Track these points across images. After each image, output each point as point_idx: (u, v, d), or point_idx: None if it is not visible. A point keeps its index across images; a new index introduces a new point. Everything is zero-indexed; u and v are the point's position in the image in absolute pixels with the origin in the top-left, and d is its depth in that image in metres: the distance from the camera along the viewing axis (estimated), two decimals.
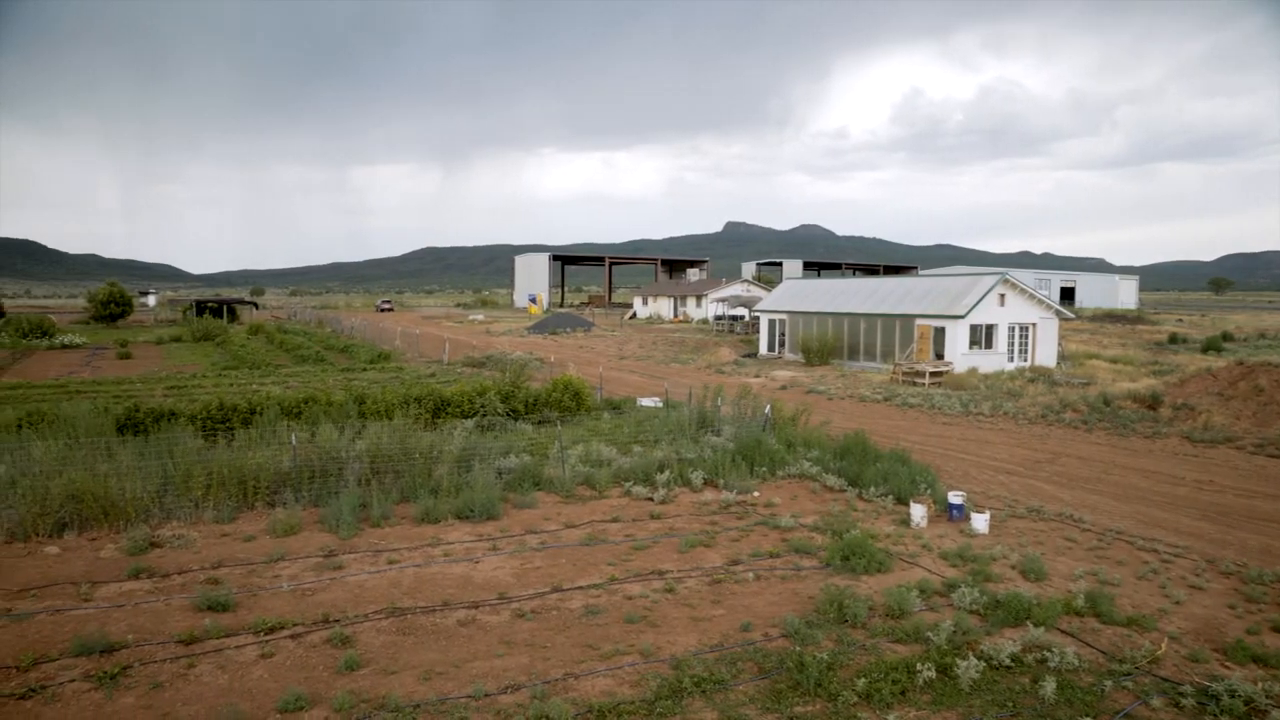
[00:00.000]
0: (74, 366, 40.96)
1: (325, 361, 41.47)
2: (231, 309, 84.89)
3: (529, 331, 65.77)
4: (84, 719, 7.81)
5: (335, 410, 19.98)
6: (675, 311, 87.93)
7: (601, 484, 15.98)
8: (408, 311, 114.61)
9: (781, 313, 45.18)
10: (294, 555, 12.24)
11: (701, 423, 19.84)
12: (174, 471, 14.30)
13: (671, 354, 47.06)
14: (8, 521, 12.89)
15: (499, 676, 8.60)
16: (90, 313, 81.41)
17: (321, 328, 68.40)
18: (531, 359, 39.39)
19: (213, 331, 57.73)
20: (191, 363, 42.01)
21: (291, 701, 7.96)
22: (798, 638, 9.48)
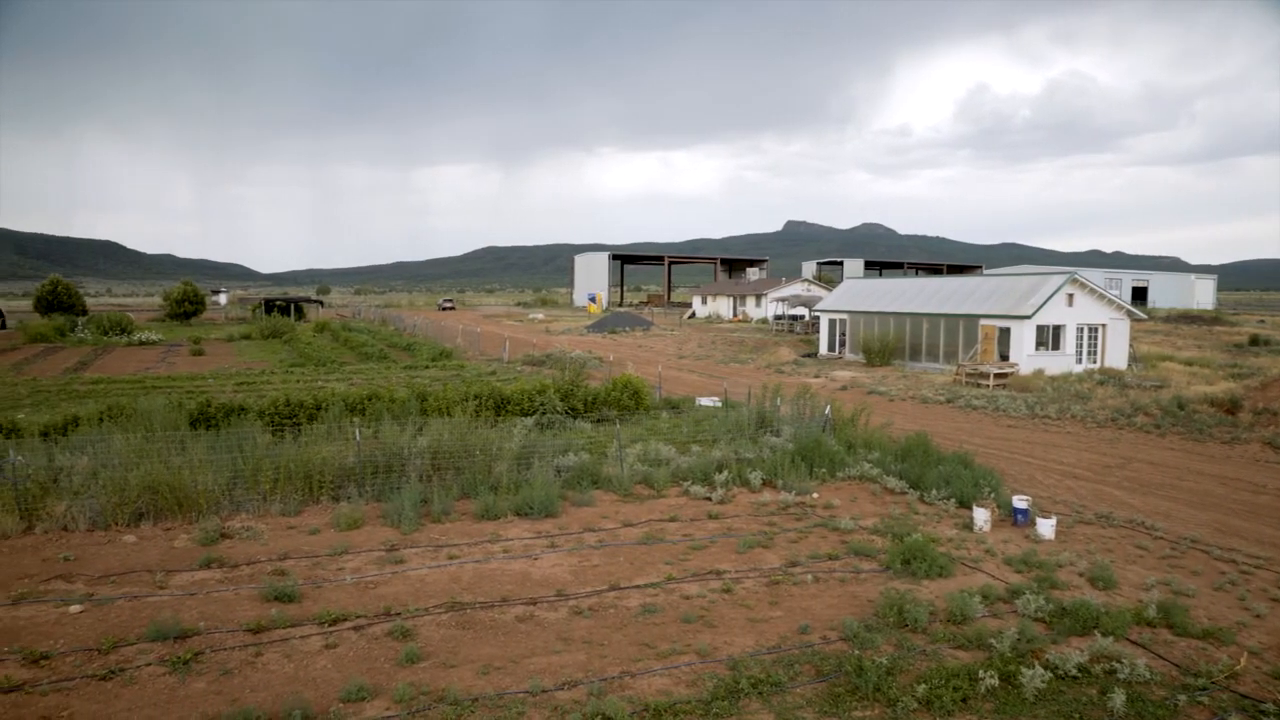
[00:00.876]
0: (150, 362, 42.33)
1: (388, 359, 42.21)
2: (299, 307, 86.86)
3: (588, 330, 66.09)
4: (159, 701, 8.07)
5: (398, 407, 20.31)
6: (734, 311, 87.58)
7: (659, 483, 15.99)
8: (469, 310, 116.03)
9: (842, 312, 44.70)
10: (357, 549, 12.48)
11: (760, 423, 19.73)
12: (243, 465, 14.69)
13: (730, 354, 46.89)
14: (90, 511, 13.40)
15: (556, 673, 8.66)
16: (165, 310, 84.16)
17: (385, 326, 69.62)
18: (590, 358, 39.59)
19: (280, 329, 59.21)
20: (260, 360, 43.11)
21: (354, 692, 8.12)
22: (856, 641, 9.37)
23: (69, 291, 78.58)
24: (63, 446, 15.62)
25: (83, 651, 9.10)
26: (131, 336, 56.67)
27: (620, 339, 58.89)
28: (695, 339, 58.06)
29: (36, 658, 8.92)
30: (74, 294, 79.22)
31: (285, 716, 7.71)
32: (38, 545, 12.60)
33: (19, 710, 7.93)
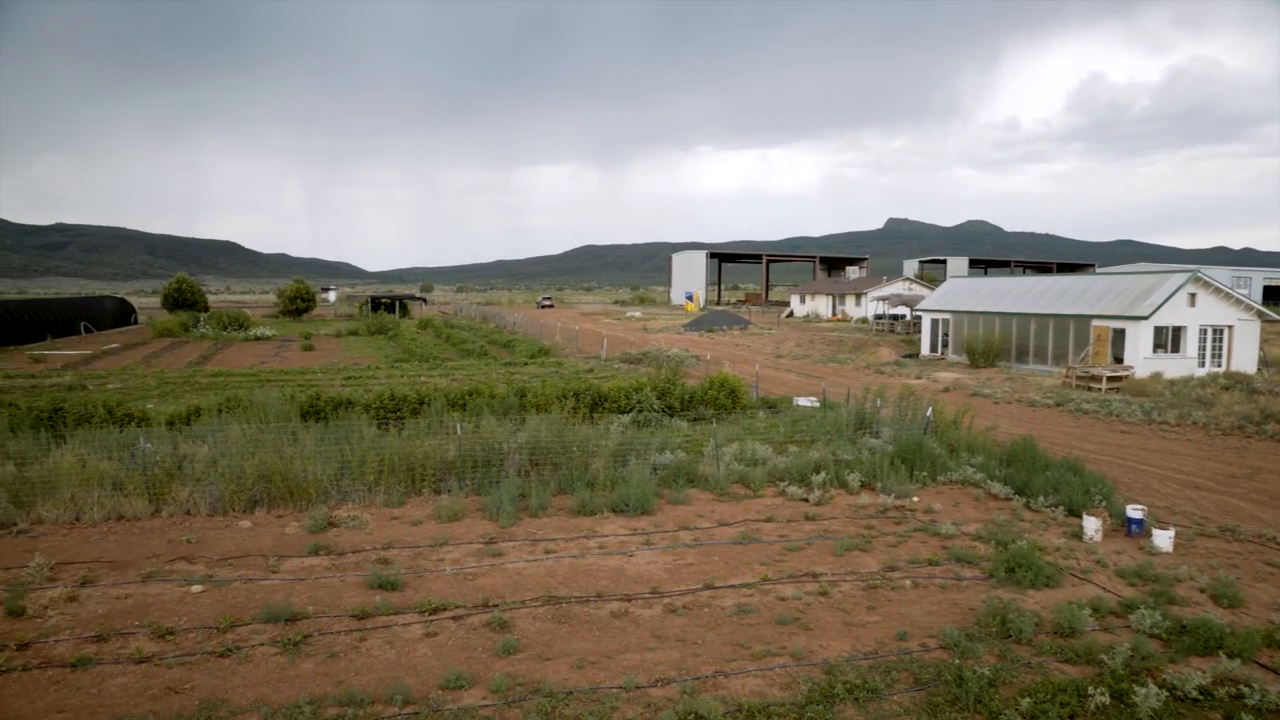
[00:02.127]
0: (265, 357, 44.25)
1: (488, 356, 43.09)
2: (403, 304, 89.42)
3: (685, 329, 66.12)
4: (270, 680, 8.46)
5: (497, 403, 20.71)
6: (833, 310, 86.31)
7: (756, 483, 15.90)
8: (567, 308, 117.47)
9: (945, 312, 43.55)
10: (457, 540, 12.80)
11: (859, 424, 19.40)
12: (350, 456, 15.23)
13: (829, 353, 46.24)
14: (210, 496, 14.13)
15: (650, 670, 8.71)
16: (279, 307, 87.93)
17: (485, 323, 71.08)
18: (687, 356, 39.61)
19: (386, 326, 61.15)
20: (366, 355, 44.56)
21: (453, 680, 8.34)
22: (957, 650, 9.13)
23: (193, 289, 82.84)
24: (186, 435, 16.47)
25: (203, 629, 9.62)
26: (248, 332, 59.36)
27: (717, 337, 58.73)
28: (793, 338, 57.46)
29: (163, 632, 9.47)
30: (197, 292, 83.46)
31: (387, 700, 7.99)
32: (164, 528, 13.35)
33: (148, 680, 8.44)
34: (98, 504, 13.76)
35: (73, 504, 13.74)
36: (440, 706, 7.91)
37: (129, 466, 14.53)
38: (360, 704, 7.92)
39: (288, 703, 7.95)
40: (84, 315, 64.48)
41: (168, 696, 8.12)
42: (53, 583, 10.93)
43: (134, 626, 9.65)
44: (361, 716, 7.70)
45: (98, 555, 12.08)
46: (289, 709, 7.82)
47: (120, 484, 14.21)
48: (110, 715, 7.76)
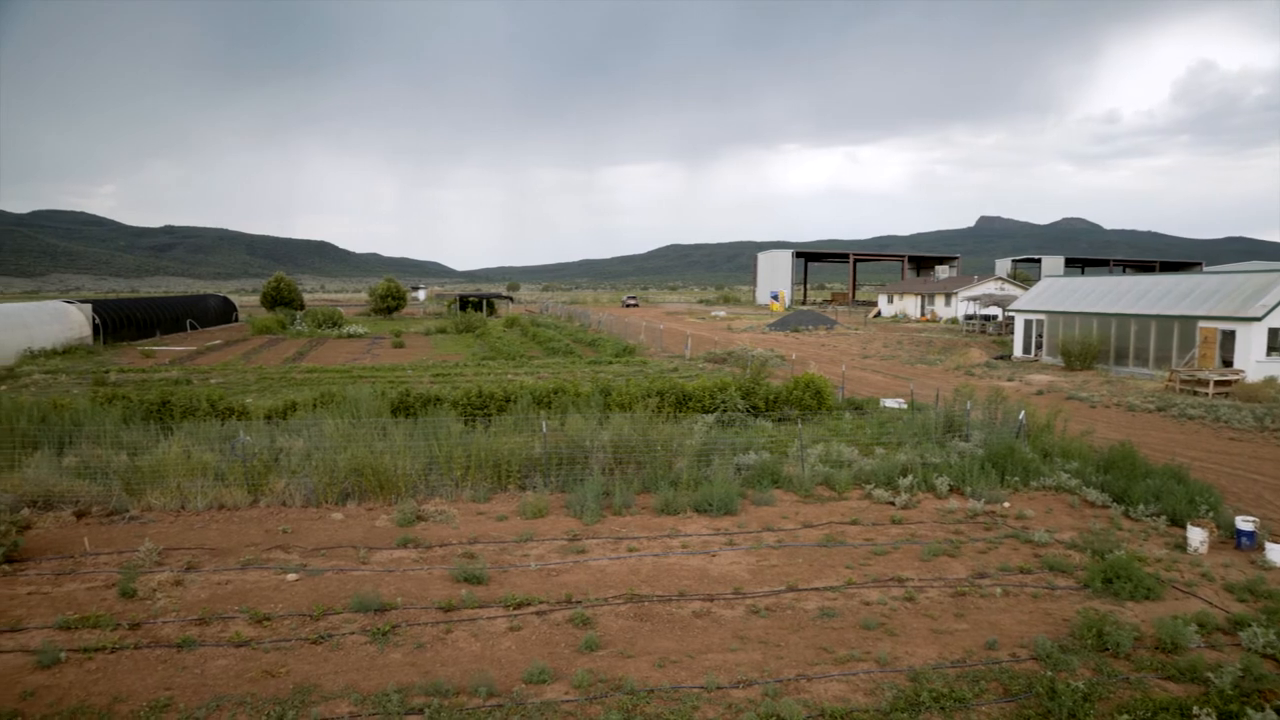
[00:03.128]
0: (357, 354, 45.54)
1: (574, 354, 43.48)
2: (490, 303, 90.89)
3: (770, 328, 65.61)
4: (360, 668, 8.71)
5: (582, 401, 20.88)
6: (922, 310, 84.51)
7: (841, 485, 15.68)
8: (652, 307, 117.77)
9: (1039, 312, 42.20)
10: (541, 537, 12.96)
11: (948, 427, 18.94)
12: (438, 452, 15.56)
13: (917, 354, 45.29)
14: (304, 489, 14.62)
15: (731, 670, 8.67)
16: (371, 306, 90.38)
17: (571, 322, 71.77)
18: (772, 356, 39.29)
19: (473, 324, 62.28)
20: (454, 353, 45.46)
21: (536, 674, 8.45)
22: (1049, 662, 8.83)
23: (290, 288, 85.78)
24: (282, 429, 17.06)
25: (297, 616, 9.96)
26: (341, 330, 61.19)
27: (803, 337, 58.11)
28: (880, 338, 56.47)
29: (260, 618, 9.85)
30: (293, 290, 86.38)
31: (472, 692, 8.14)
32: (261, 517, 13.88)
33: (246, 663, 8.79)
34: (201, 493, 14.39)
35: (179, 493, 14.40)
36: (523, 700, 8.02)
37: (230, 458, 15.15)
38: (446, 694, 8.09)
39: (376, 690, 8.17)
40: (190, 313, 67.43)
41: (264, 679, 8.44)
42: (160, 567, 11.48)
43: (233, 611, 10.07)
44: (447, 707, 7.86)
45: (201, 542, 12.62)
46: (377, 697, 8.04)
47: (222, 475, 14.82)
48: (212, 695, 8.10)
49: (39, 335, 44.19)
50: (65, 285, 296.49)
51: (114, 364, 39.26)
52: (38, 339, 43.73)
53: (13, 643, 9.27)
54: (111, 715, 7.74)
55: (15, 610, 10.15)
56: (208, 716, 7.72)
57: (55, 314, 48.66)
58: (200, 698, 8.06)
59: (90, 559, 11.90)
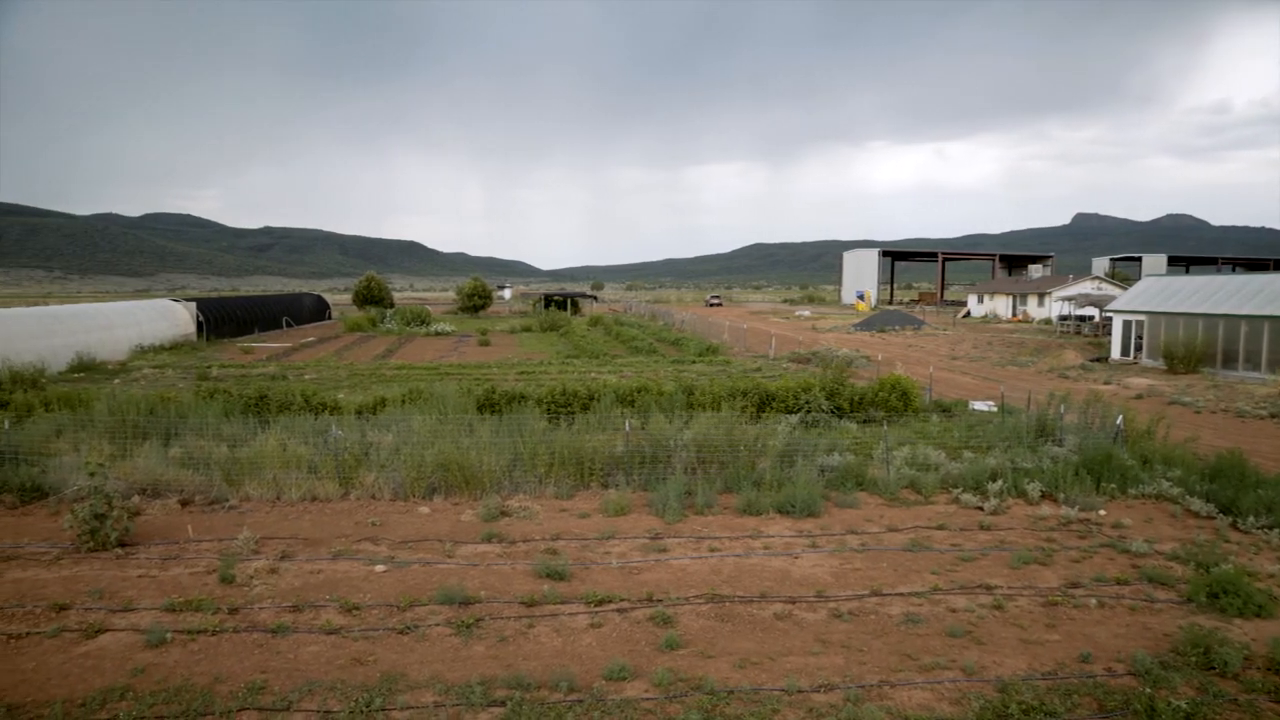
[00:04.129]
0: (444, 351, 46.49)
1: (656, 353, 43.58)
2: (574, 302, 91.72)
3: (855, 328, 64.64)
4: (445, 659, 8.90)
5: (665, 400, 20.92)
6: (1014, 310, 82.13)
7: (927, 488, 15.35)
8: (735, 306, 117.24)
9: (1139, 313, 40.56)
10: (623, 535, 13.02)
11: (1041, 431, 18.36)
12: (522, 449, 15.77)
13: (1008, 355, 44.03)
14: (393, 482, 15.00)
15: (813, 674, 8.57)
16: (458, 304, 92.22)
17: (654, 321, 71.93)
18: (857, 356, 38.70)
19: (557, 323, 62.96)
20: (539, 351, 46.02)
21: (616, 671, 8.50)
22: (1148, 678, 8.47)
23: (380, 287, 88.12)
24: (372, 424, 17.53)
25: (385, 606, 10.23)
26: (429, 328, 62.56)
27: (889, 338, 57.07)
28: (970, 339, 55.07)
29: (350, 607, 10.15)
30: (384, 289, 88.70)
31: (553, 687, 8.23)
32: (351, 510, 14.29)
33: (336, 650, 9.07)
34: (295, 485, 14.89)
35: (274, 484, 14.94)
36: (603, 696, 8.08)
37: (322, 452, 15.64)
38: (527, 688, 8.20)
39: (460, 682, 8.34)
40: (286, 311, 69.85)
41: (353, 667, 8.69)
42: (257, 555, 11.93)
43: (325, 600, 10.39)
44: (528, 700, 7.97)
45: (294, 532, 13.07)
46: (461, 688, 8.20)
47: (315, 467, 15.31)
48: (304, 679, 8.38)
49: (148, 332, 46.42)
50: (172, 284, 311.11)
51: (216, 359, 40.95)
52: (147, 335, 45.93)
53: (125, 622, 9.78)
54: (212, 695, 8.08)
55: (127, 591, 10.70)
56: (300, 700, 8.00)
57: (163, 312, 51.04)
58: (293, 682, 8.35)
59: (193, 545, 12.45)
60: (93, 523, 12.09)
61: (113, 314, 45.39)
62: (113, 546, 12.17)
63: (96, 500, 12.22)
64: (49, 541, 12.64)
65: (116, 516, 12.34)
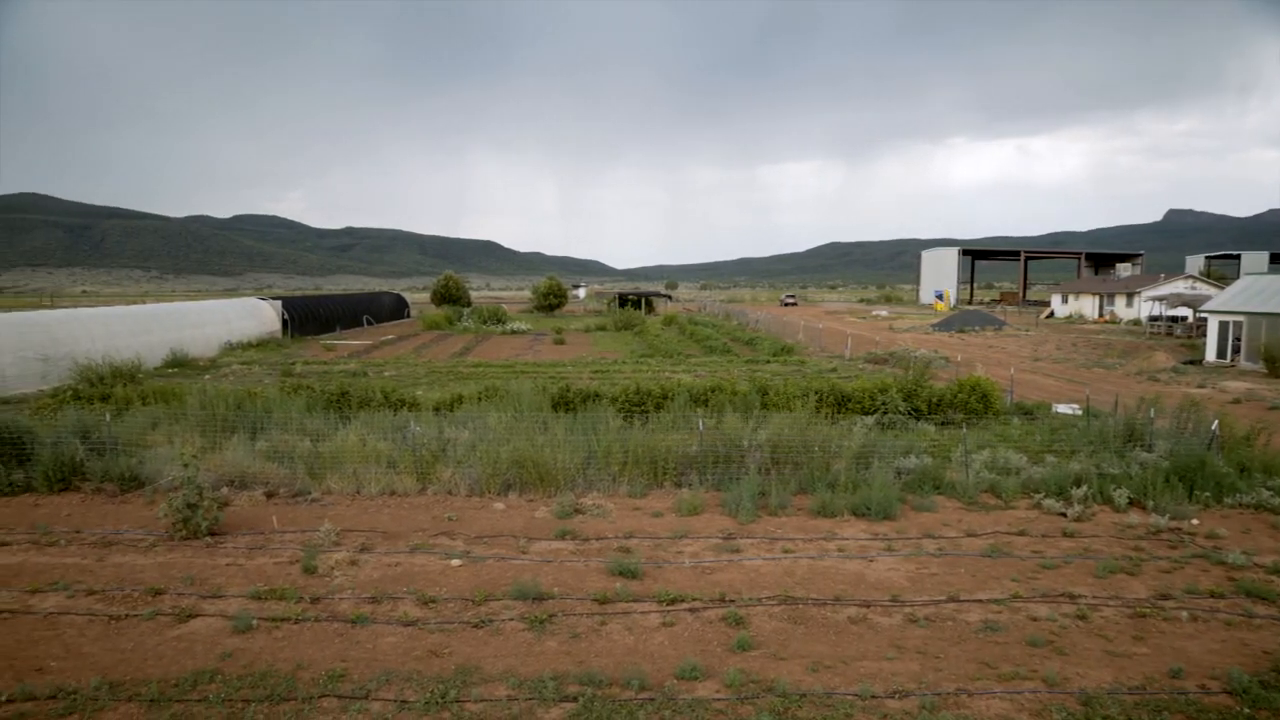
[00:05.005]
0: (520, 350, 47.04)
1: (731, 353, 43.39)
2: (648, 301, 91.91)
3: (934, 329, 63.37)
4: (518, 653, 9.01)
5: (739, 400, 20.81)
6: (1100, 310, 79.50)
7: (1008, 493, 14.96)
8: (811, 306, 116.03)
9: (1238, 313, 38.84)
10: (695, 534, 13.00)
11: (1129, 435, 17.72)
12: (596, 447, 15.86)
13: (1094, 357, 42.63)
14: (469, 478, 15.24)
15: (887, 679, 8.43)
16: (533, 303, 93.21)
17: (728, 320, 71.62)
18: (936, 357, 37.93)
19: (631, 322, 63.13)
20: (613, 350, 46.22)
21: (687, 670, 8.49)
22: (1246, 698, 8.09)
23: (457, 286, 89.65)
24: (449, 421, 17.83)
25: (460, 600, 10.40)
26: (505, 326, 63.40)
27: (969, 338, 55.79)
28: (1053, 340, 53.50)
29: (426, 600, 10.36)
30: (461, 288, 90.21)
31: (624, 684, 8.26)
32: (429, 504, 14.57)
33: (413, 642, 9.26)
34: (375, 479, 15.25)
35: (354, 478, 15.32)
36: (675, 696, 8.08)
37: (401, 447, 15.98)
38: (599, 685, 8.25)
39: (533, 676, 8.43)
40: (367, 309, 71.56)
41: (429, 658, 8.86)
42: (338, 547, 12.26)
43: (402, 592, 10.62)
44: (600, 697, 8.01)
45: (373, 525, 13.38)
46: (534, 682, 8.29)
47: (393, 462, 15.65)
48: (382, 669, 8.58)
49: (237, 329, 48.06)
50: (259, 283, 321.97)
51: (299, 356, 42.18)
52: (235, 333, 47.56)
53: (214, 608, 10.15)
54: (295, 681, 8.33)
55: (216, 579, 11.11)
56: (378, 689, 8.19)
57: (250, 310, 52.80)
58: (371, 671, 8.56)
59: (278, 536, 12.85)
60: (185, 512, 12.58)
61: (204, 312, 47.18)
62: (203, 535, 12.65)
63: (189, 491, 12.71)
64: (145, 529, 13.20)
65: (207, 507, 12.83)
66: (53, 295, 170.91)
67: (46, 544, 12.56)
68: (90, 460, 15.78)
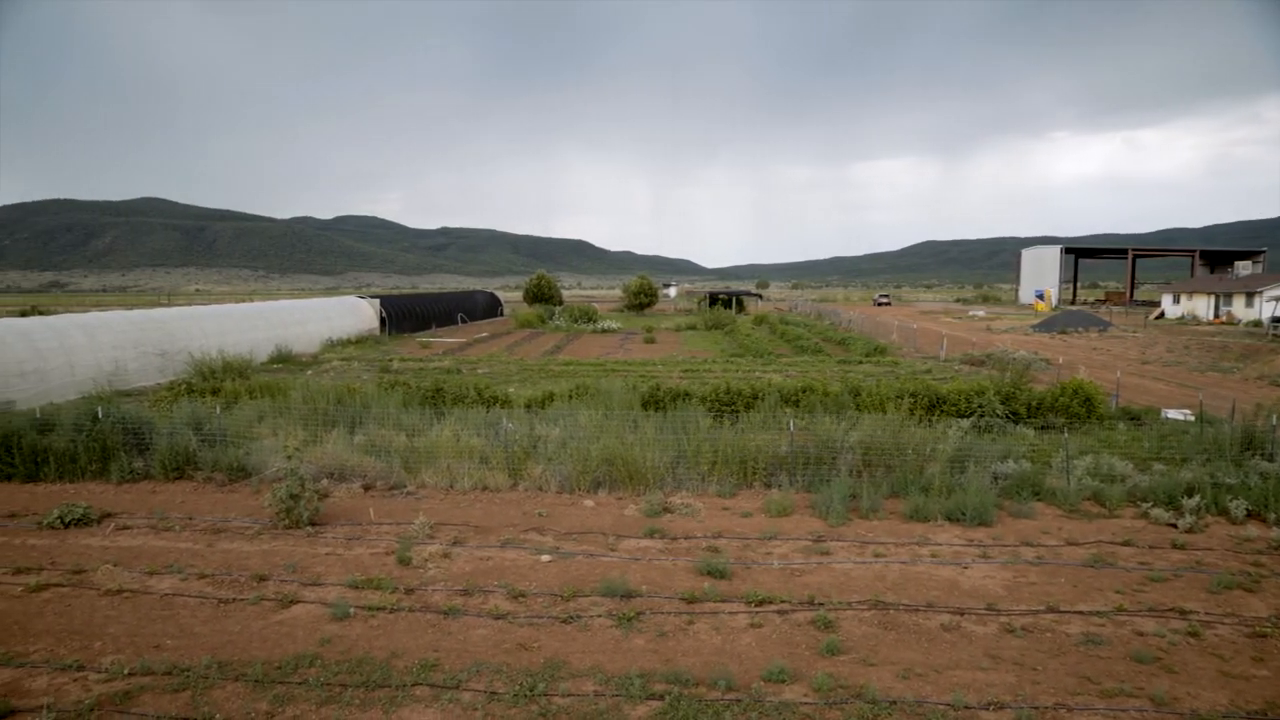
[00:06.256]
0: (610, 348, 47.34)
1: (822, 353, 42.83)
2: (739, 301, 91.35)
3: (1034, 329, 61.33)
4: (605, 650, 9.07)
5: (831, 400, 20.53)
6: (1215, 311, 75.65)
7: (1112, 501, 14.37)
8: (905, 306, 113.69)
9: None
10: (785, 535, 12.87)
11: (1247, 443, 16.81)
12: (686, 446, 15.86)
13: (1209, 360, 40.59)
14: (559, 475, 15.42)
15: (981, 690, 8.19)
16: (624, 302, 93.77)
17: (820, 320, 70.72)
18: (1036, 359, 36.70)
19: (722, 321, 62.90)
20: (703, 349, 46.12)
21: (775, 673, 8.41)
22: None
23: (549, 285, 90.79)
24: (540, 418, 18.07)
25: (549, 595, 10.53)
26: (595, 325, 63.93)
27: (1071, 340, 53.81)
28: (1163, 342, 51.16)
29: (516, 594, 10.52)
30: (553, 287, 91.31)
31: (711, 684, 8.23)
32: (519, 500, 14.79)
33: (503, 635, 9.42)
34: (467, 474, 15.56)
35: (448, 472, 15.66)
36: (761, 698, 8.01)
37: (493, 443, 16.27)
38: (685, 684, 8.24)
39: (619, 673, 8.47)
40: (461, 307, 73.08)
41: (519, 652, 9.00)
42: (431, 539, 12.55)
43: (493, 586, 10.81)
44: (686, 696, 8.01)
45: (466, 519, 13.66)
46: (621, 679, 8.33)
47: (486, 458, 15.95)
48: (472, 660, 8.75)
49: (337, 327, 49.71)
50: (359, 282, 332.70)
51: (396, 353, 43.35)
52: (336, 330, 49.19)
53: (314, 595, 10.53)
54: (390, 668, 8.57)
55: (316, 567, 11.52)
56: (468, 680, 8.35)
57: (350, 308, 54.53)
58: (462, 661, 8.74)
59: (374, 528, 13.23)
60: (288, 502, 13.08)
61: (307, 310, 48.94)
62: (304, 525, 13.12)
63: (292, 482, 13.21)
64: (251, 517, 13.76)
65: (308, 498, 13.31)
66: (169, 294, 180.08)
67: (163, 529, 13.25)
68: (202, 450, 16.56)
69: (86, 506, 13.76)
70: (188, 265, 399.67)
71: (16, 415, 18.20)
